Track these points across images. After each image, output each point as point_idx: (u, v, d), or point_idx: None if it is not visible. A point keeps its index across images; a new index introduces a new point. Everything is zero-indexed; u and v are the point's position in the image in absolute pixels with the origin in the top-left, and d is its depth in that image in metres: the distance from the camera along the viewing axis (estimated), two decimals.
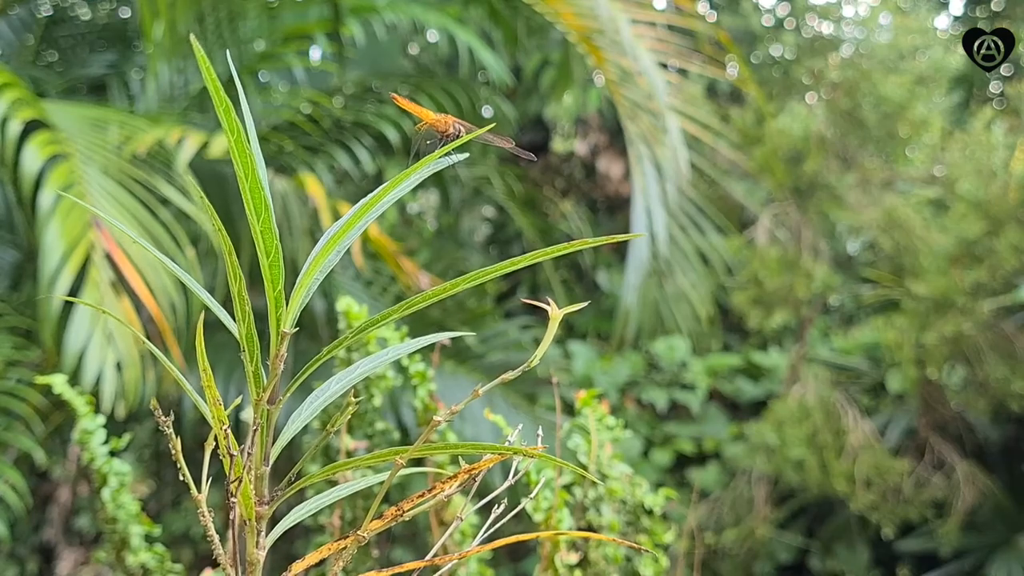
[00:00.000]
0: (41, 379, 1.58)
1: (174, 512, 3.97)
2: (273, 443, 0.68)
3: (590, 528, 1.35)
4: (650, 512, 1.42)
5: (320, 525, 1.53)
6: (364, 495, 1.49)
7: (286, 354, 0.66)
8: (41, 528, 3.98)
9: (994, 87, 5.26)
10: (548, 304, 0.67)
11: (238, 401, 0.71)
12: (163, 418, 0.67)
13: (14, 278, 3.10)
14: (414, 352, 1.50)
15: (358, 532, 0.68)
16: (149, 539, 1.53)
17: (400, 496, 2.66)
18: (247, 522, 0.67)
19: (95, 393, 2.21)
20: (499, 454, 0.68)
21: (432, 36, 3.83)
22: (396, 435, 1.54)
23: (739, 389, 4.97)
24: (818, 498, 4.24)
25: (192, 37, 0.59)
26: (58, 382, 1.54)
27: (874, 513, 3.96)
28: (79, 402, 1.52)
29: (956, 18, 5.77)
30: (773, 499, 4.36)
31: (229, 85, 3.37)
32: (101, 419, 1.53)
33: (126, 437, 1.54)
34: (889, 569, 4.33)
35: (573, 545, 1.32)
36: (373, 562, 1.43)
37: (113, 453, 1.53)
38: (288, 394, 0.68)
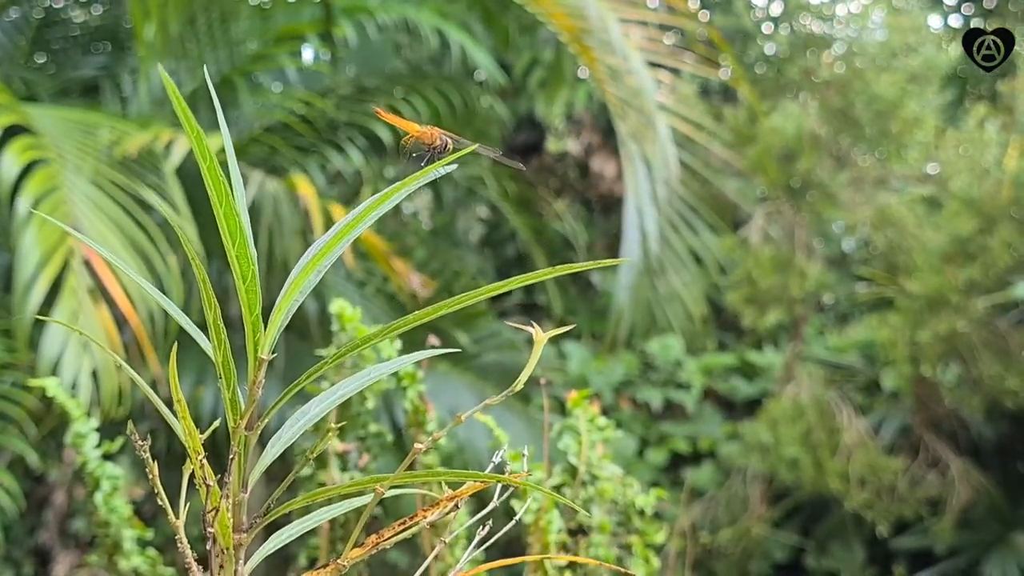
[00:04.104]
0: (34, 382, 1.58)
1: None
2: (253, 466, 0.68)
3: (581, 528, 1.35)
4: (641, 512, 1.42)
5: (312, 529, 1.52)
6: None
7: (265, 376, 0.65)
8: (37, 531, 3.97)
9: (987, 85, 5.27)
10: (533, 327, 0.66)
11: (216, 425, 0.71)
12: (140, 443, 0.66)
13: (6, 280, 3.09)
14: (404, 353, 1.50)
15: (339, 561, 0.67)
16: (141, 542, 1.52)
17: (394, 504, 2.66)
18: (225, 551, 0.67)
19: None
20: (484, 482, 0.68)
21: (425, 35, 3.82)
22: (389, 438, 1.54)
23: (734, 388, 4.97)
24: (813, 497, 4.24)
25: (162, 70, 0.59)
26: (51, 385, 1.54)
27: (869, 511, 3.96)
28: (72, 405, 1.52)
29: (947, 13, 5.77)
30: (768, 498, 4.36)
31: (219, 88, 3.37)
32: (94, 422, 1.53)
33: (119, 440, 1.54)
34: (884, 567, 4.33)
35: (563, 546, 1.32)
36: (364, 565, 1.43)
37: (107, 456, 1.53)
38: (264, 421, 0.67)
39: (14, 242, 2.48)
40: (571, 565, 1.30)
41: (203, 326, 0.69)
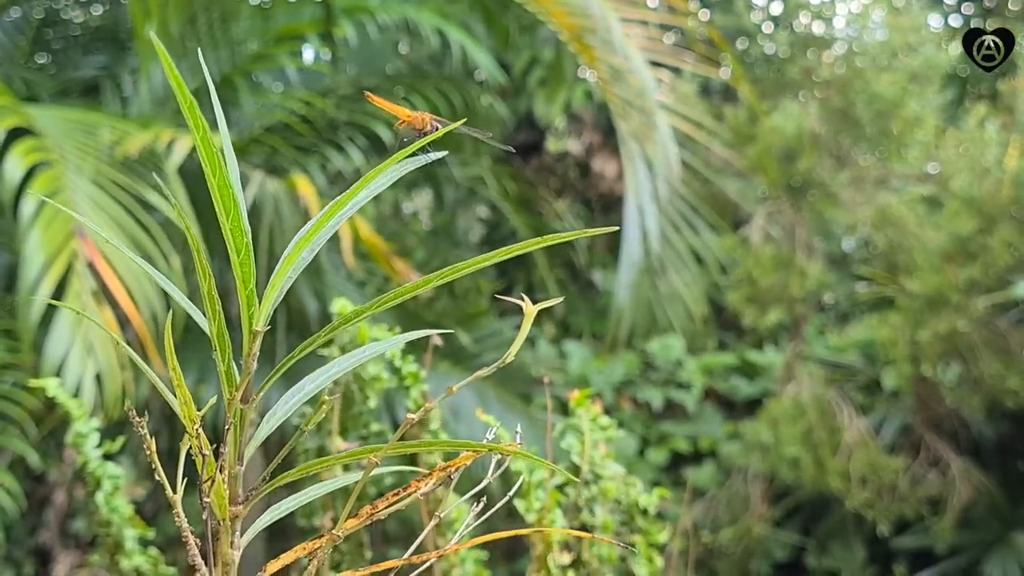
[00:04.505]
0: (35, 382, 1.58)
1: (170, 514, 3.95)
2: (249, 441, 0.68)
3: (584, 528, 1.35)
4: (644, 512, 1.42)
5: (314, 527, 1.53)
6: (359, 496, 1.49)
7: (258, 352, 0.66)
8: (37, 531, 3.97)
9: (987, 84, 5.27)
10: (523, 300, 0.67)
11: (213, 401, 0.71)
12: (138, 419, 0.67)
13: (8, 281, 3.09)
14: (407, 353, 1.50)
15: (332, 531, 0.68)
16: (143, 542, 1.52)
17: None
18: (221, 522, 0.67)
19: None
20: (477, 452, 0.68)
21: (425, 35, 3.82)
22: (391, 437, 1.54)
23: (734, 387, 4.97)
24: (814, 496, 4.24)
25: (153, 35, 0.59)
26: (52, 385, 1.54)
27: (870, 511, 3.96)
28: (73, 405, 1.52)
29: (947, 13, 5.78)
30: (769, 497, 4.36)
31: (221, 87, 3.37)
32: (95, 422, 1.53)
33: (120, 440, 1.54)
34: (885, 566, 4.33)
35: (566, 545, 1.32)
36: (367, 563, 1.43)
37: (108, 456, 1.53)
38: (262, 392, 0.68)
39: (18, 245, 2.48)
40: (574, 564, 1.30)
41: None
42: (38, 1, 3.88)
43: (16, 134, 2.59)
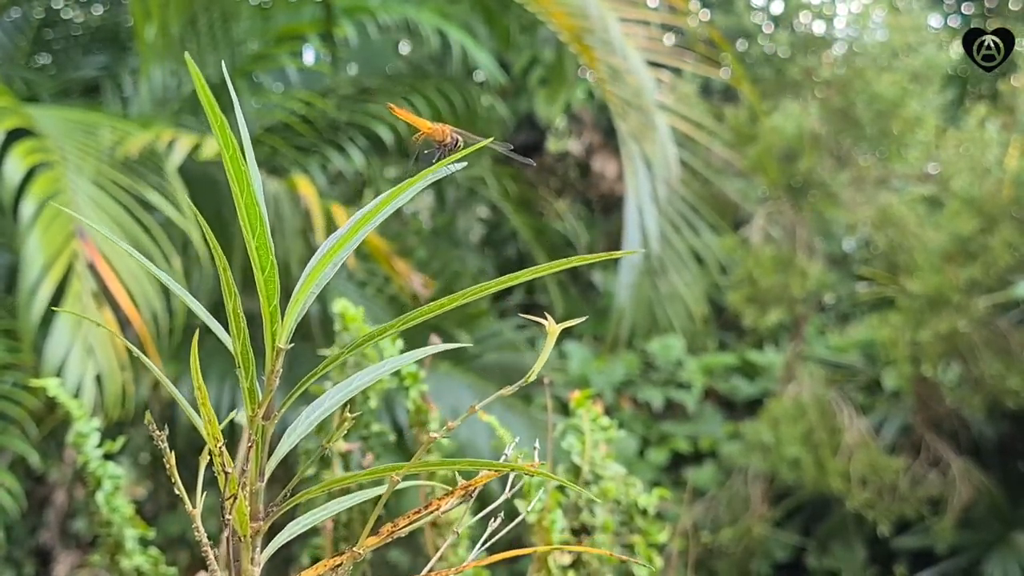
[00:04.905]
0: (36, 382, 1.58)
1: (170, 514, 3.96)
2: (269, 455, 0.68)
3: (584, 528, 1.35)
4: (644, 512, 1.42)
5: (315, 528, 1.53)
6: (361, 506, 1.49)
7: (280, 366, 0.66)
8: (38, 531, 3.97)
9: (988, 84, 5.26)
10: (546, 319, 0.67)
11: (233, 415, 0.71)
12: (158, 432, 0.67)
13: (8, 281, 3.09)
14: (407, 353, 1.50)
15: (355, 549, 0.67)
16: (143, 542, 1.52)
17: (395, 502, 2.65)
18: (242, 538, 0.67)
19: None
20: (499, 471, 0.68)
21: (425, 35, 3.82)
22: (391, 437, 1.54)
23: (735, 388, 4.97)
24: (814, 496, 4.24)
25: (188, 58, 0.59)
26: (53, 386, 1.54)
27: (870, 511, 3.96)
28: (73, 405, 1.52)
29: (947, 13, 5.78)
30: (769, 497, 4.36)
31: (222, 89, 3.37)
32: (96, 422, 1.53)
33: (120, 440, 1.54)
34: (885, 566, 4.33)
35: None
36: (366, 564, 1.43)
37: (108, 456, 1.53)
38: (283, 410, 0.67)
39: (19, 246, 2.48)
40: (575, 564, 1.30)
41: (203, 328, 0.69)
42: (38, 1, 3.88)
43: (16, 135, 2.59)
